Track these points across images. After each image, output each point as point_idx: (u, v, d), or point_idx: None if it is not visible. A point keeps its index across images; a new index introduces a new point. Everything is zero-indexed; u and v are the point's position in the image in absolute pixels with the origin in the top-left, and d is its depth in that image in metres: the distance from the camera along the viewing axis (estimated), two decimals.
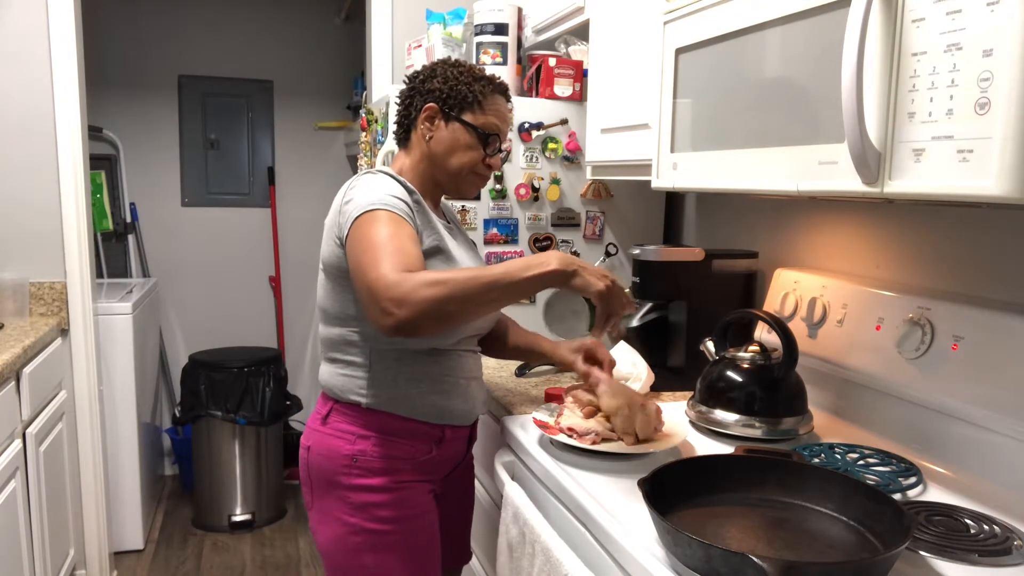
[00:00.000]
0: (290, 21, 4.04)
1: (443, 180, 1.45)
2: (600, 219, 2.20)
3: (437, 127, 1.42)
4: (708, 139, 1.30)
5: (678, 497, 1.04)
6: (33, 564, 2.19)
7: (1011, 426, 1.14)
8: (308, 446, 1.41)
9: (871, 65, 0.93)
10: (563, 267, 1.21)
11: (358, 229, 1.25)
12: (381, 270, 1.17)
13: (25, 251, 2.57)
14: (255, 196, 4.11)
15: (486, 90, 1.43)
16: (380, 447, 1.36)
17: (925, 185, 0.87)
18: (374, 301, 1.16)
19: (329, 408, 1.40)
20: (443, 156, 1.42)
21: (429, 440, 1.40)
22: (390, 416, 1.36)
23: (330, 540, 1.38)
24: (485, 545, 1.77)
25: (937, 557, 0.97)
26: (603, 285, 1.24)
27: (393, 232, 1.23)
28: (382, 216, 1.26)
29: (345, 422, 1.37)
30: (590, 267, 1.25)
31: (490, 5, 2.28)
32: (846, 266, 1.62)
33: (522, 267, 1.21)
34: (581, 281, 1.22)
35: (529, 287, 1.22)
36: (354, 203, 1.29)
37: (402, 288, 1.14)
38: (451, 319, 1.19)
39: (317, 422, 1.42)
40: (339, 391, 1.39)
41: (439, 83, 1.42)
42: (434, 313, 1.15)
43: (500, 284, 1.19)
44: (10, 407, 2.04)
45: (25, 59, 2.49)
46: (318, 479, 1.39)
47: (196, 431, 3.33)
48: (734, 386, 1.41)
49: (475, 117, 1.42)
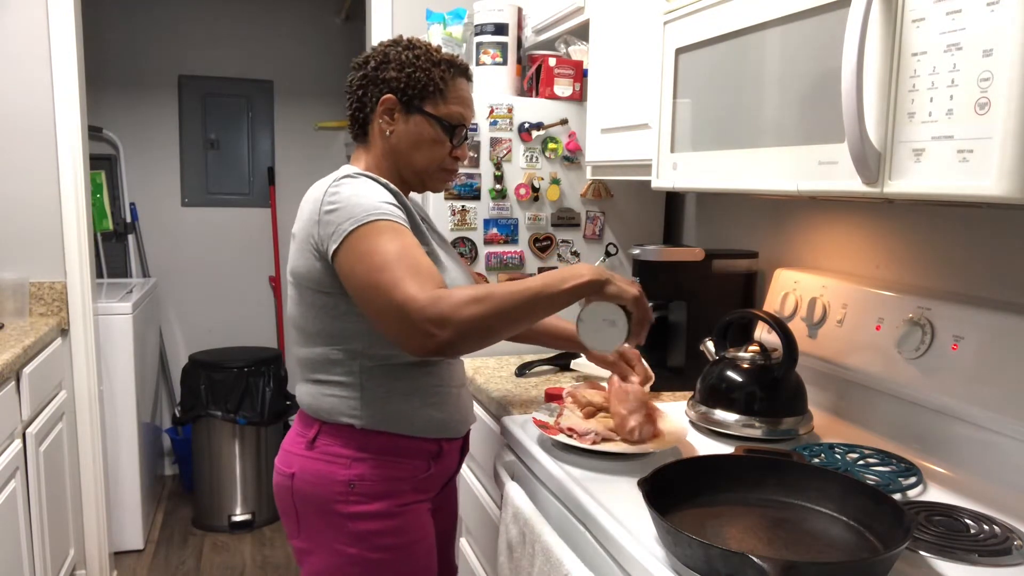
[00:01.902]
0: (290, 21, 4.04)
1: (409, 177, 1.37)
2: (600, 219, 2.20)
3: (397, 121, 1.32)
4: (708, 139, 1.30)
5: (678, 497, 1.04)
6: (33, 564, 2.19)
7: (1011, 426, 1.14)
8: (292, 473, 1.30)
9: (871, 65, 0.93)
10: (597, 276, 1.20)
11: (359, 244, 1.17)
12: (409, 290, 1.11)
13: (25, 251, 2.57)
14: (255, 196, 4.11)
15: (447, 75, 1.32)
16: (378, 469, 1.28)
17: (925, 185, 0.87)
18: (409, 324, 1.10)
19: (316, 431, 1.30)
20: (407, 153, 1.33)
21: (427, 456, 1.34)
22: (387, 435, 1.29)
23: (323, 572, 1.30)
24: (485, 545, 1.77)
25: (937, 557, 0.97)
26: (636, 291, 1.22)
27: (402, 245, 1.17)
28: (384, 228, 1.18)
29: (336, 445, 1.29)
30: (618, 276, 1.23)
31: (490, 5, 2.28)
32: (846, 266, 1.62)
33: (559, 279, 1.18)
34: (616, 289, 1.21)
35: (567, 299, 1.20)
36: (342, 213, 1.20)
37: (441, 308, 1.09)
38: (494, 335, 1.16)
39: (300, 446, 1.31)
40: (327, 414, 1.30)
41: (394, 71, 1.30)
42: (478, 332, 1.12)
43: (541, 298, 1.17)
44: (10, 407, 2.04)
45: (25, 59, 2.49)
46: (307, 508, 1.30)
47: (196, 431, 3.33)
48: (734, 386, 1.41)
49: (438, 107, 1.32)
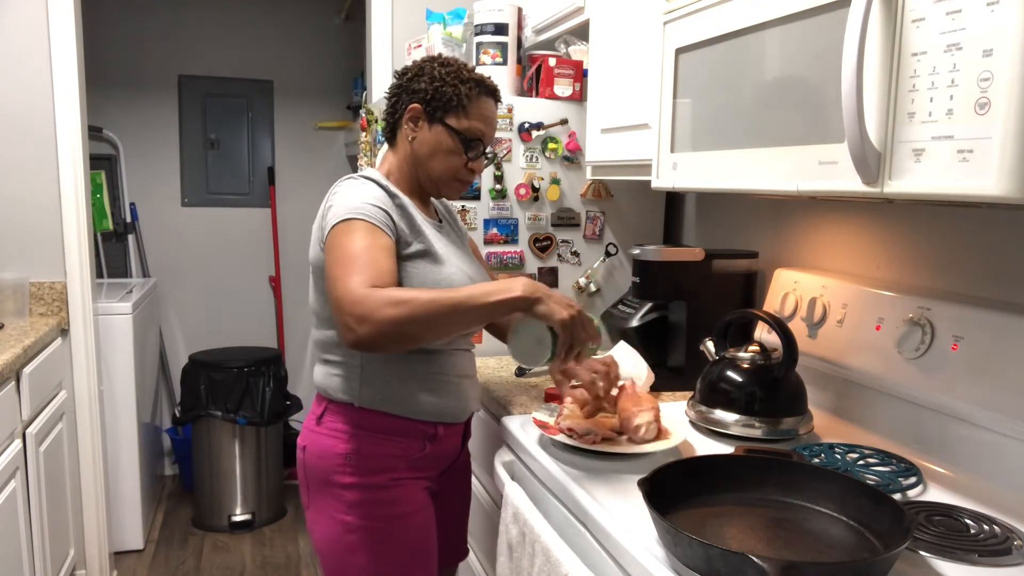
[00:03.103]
0: (290, 21, 4.04)
1: (425, 182, 1.45)
2: (600, 219, 2.20)
3: (420, 128, 1.41)
4: (708, 139, 1.30)
5: (678, 497, 1.04)
6: (33, 564, 2.19)
7: (1011, 426, 1.14)
8: (304, 446, 1.42)
9: (871, 65, 0.93)
10: (527, 294, 1.21)
11: (333, 238, 1.26)
12: (349, 284, 1.18)
13: (25, 251, 2.57)
14: (255, 196, 4.11)
15: (472, 93, 1.40)
16: (373, 445, 1.37)
17: (925, 185, 0.87)
18: (339, 315, 1.19)
19: (324, 408, 1.41)
20: (425, 159, 1.41)
21: (422, 438, 1.40)
22: (382, 415, 1.37)
23: (325, 538, 1.39)
24: (485, 545, 1.77)
25: (937, 557, 0.97)
26: (566, 314, 1.22)
27: (367, 244, 1.24)
28: (357, 227, 1.26)
29: (338, 421, 1.38)
30: (556, 295, 1.24)
31: (490, 5, 2.28)
32: (846, 266, 1.62)
33: (486, 292, 1.21)
34: (544, 309, 1.22)
35: (492, 312, 1.22)
36: (333, 210, 1.30)
37: (365, 305, 1.15)
38: (411, 340, 1.22)
39: (312, 422, 1.42)
40: (332, 391, 1.39)
41: (425, 83, 1.40)
42: (394, 333, 1.17)
43: (462, 308, 1.20)
44: (10, 407, 2.04)
45: (25, 59, 2.49)
46: (314, 478, 1.40)
47: (196, 431, 3.32)
48: (734, 386, 1.41)
49: (459, 121, 1.40)
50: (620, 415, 1.34)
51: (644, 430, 1.31)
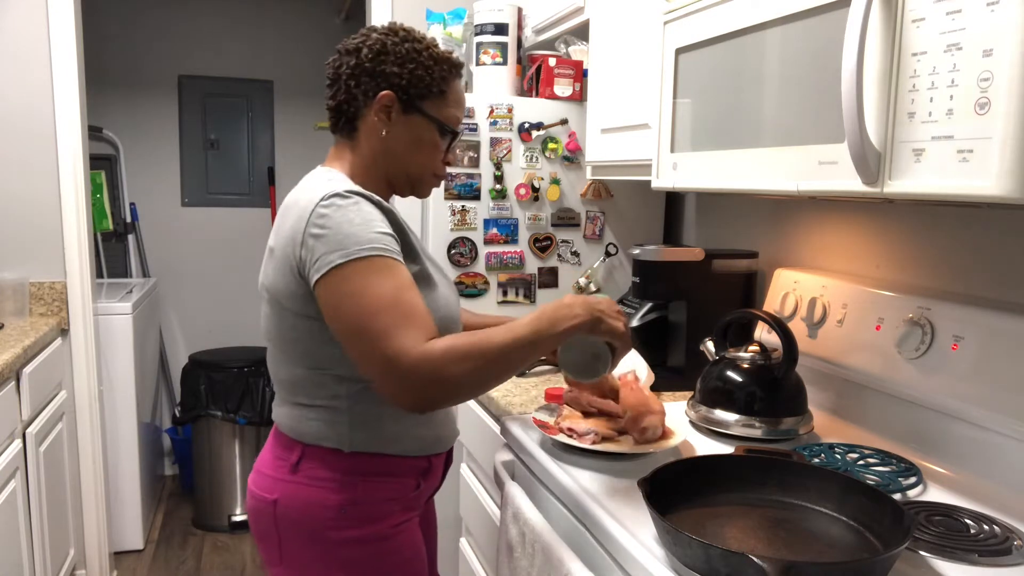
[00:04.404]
0: (290, 21, 4.04)
1: (397, 181, 1.27)
2: (600, 219, 2.20)
3: (394, 120, 1.21)
4: (708, 139, 1.30)
5: (678, 497, 1.04)
6: (33, 564, 2.19)
7: (1011, 426, 1.14)
8: (274, 499, 1.21)
9: (871, 65, 0.93)
10: (591, 316, 1.13)
11: (348, 282, 1.07)
12: (403, 343, 1.03)
13: (25, 251, 2.57)
14: (255, 196, 4.11)
15: (448, 75, 1.23)
16: (369, 492, 1.21)
17: (925, 185, 0.87)
18: (399, 378, 1.03)
19: (299, 455, 1.21)
20: (402, 155, 1.23)
21: (417, 474, 1.27)
22: (377, 457, 1.22)
23: None
24: (485, 545, 1.77)
25: (937, 557, 0.97)
26: (623, 325, 1.16)
27: (396, 287, 1.07)
28: (378, 266, 1.08)
29: (322, 469, 1.20)
30: (604, 304, 1.16)
31: (490, 5, 2.28)
32: (846, 266, 1.62)
33: (550, 323, 1.10)
34: (607, 327, 1.14)
35: (559, 341, 1.13)
36: (330, 241, 1.08)
37: (430, 366, 1.02)
38: (486, 387, 1.10)
39: (283, 471, 1.21)
40: (312, 438, 1.21)
41: (395, 65, 1.19)
42: (470, 387, 1.07)
43: (533, 346, 1.09)
44: (10, 407, 2.04)
45: (25, 59, 2.49)
46: (294, 534, 1.20)
47: (196, 431, 3.33)
48: (734, 386, 1.41)
49: (438, 109, 1.22)
50: (628, 412, 1.33)
51: (650, 431, 1.30)
